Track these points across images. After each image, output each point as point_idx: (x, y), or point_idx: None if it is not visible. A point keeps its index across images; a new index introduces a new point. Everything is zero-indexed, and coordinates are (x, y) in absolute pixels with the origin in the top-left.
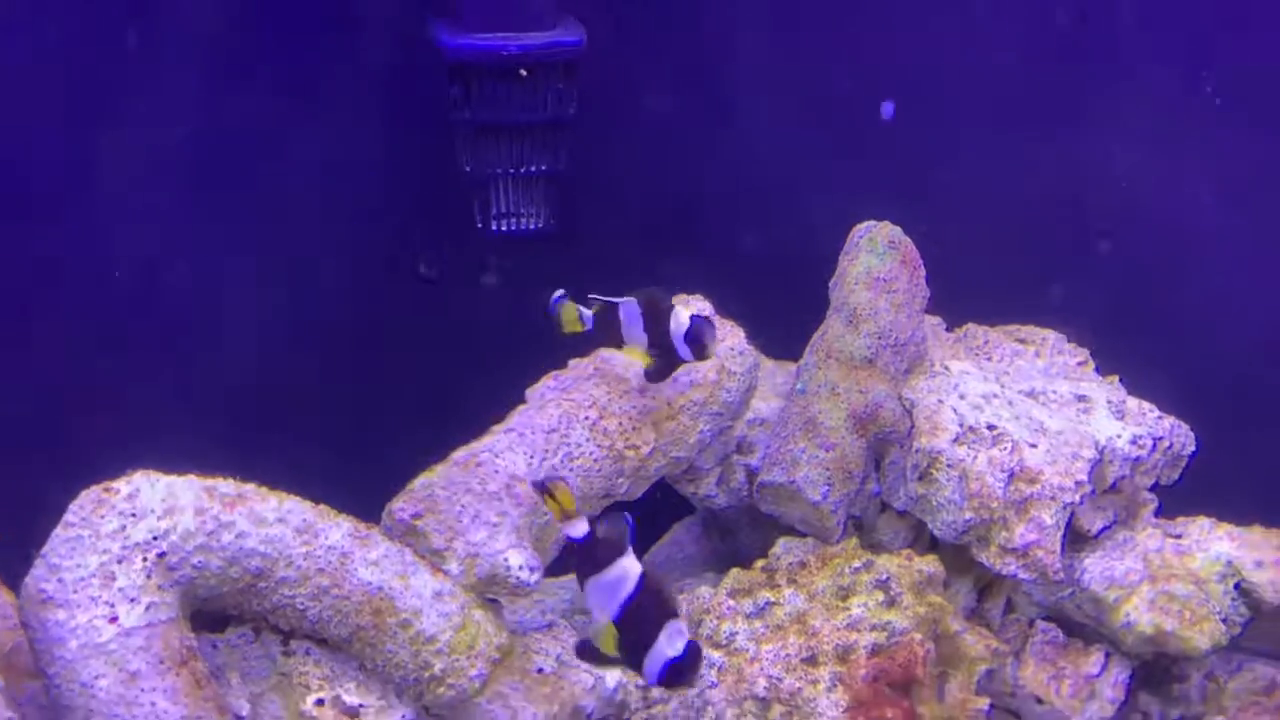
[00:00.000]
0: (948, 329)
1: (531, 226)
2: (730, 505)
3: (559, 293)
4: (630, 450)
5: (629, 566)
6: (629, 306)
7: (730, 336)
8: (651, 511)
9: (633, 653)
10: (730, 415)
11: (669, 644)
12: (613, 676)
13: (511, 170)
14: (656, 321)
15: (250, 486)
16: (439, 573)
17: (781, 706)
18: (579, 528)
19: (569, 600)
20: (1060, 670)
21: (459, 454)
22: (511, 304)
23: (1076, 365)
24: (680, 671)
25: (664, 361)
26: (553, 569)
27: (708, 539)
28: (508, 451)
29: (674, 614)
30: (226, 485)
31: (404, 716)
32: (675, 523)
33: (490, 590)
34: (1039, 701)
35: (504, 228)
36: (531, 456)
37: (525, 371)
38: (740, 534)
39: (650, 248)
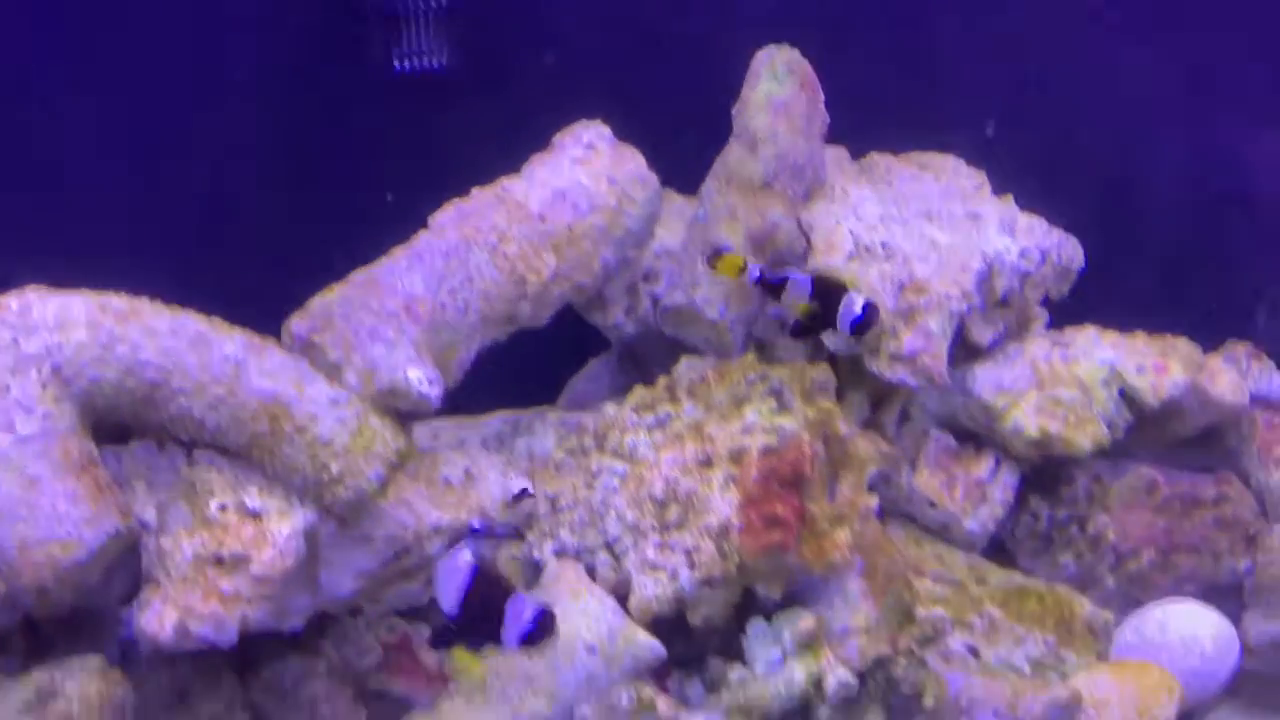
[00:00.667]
0: (853, 159)
1: (437, 64)
2: (638, 333)
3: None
4: (531, 274)
5: (462, 556)
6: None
7: (630, 162)
8: (569, 348)
9: (486, 637)
10: (634, 242)
11: (516, 621)
12: (519, 483)
13: (419, 5)
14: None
15: (143, 301)
16: (334, 382)
17: (678, 506)
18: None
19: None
20: (953, 476)
21: (357, 275)
22: (419, 143)
23: (973, 188)
24: (536, 637)
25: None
26: None
27: (623, 372)
28: (406, 273)
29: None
30: (119, 300)
31: (306, 518)
32: (592, 358)
33: (391, 402)
34: (932, 505)
35: (409, 65)
36: (430, 278)
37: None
38: (654, 365)
39: (565, 88)
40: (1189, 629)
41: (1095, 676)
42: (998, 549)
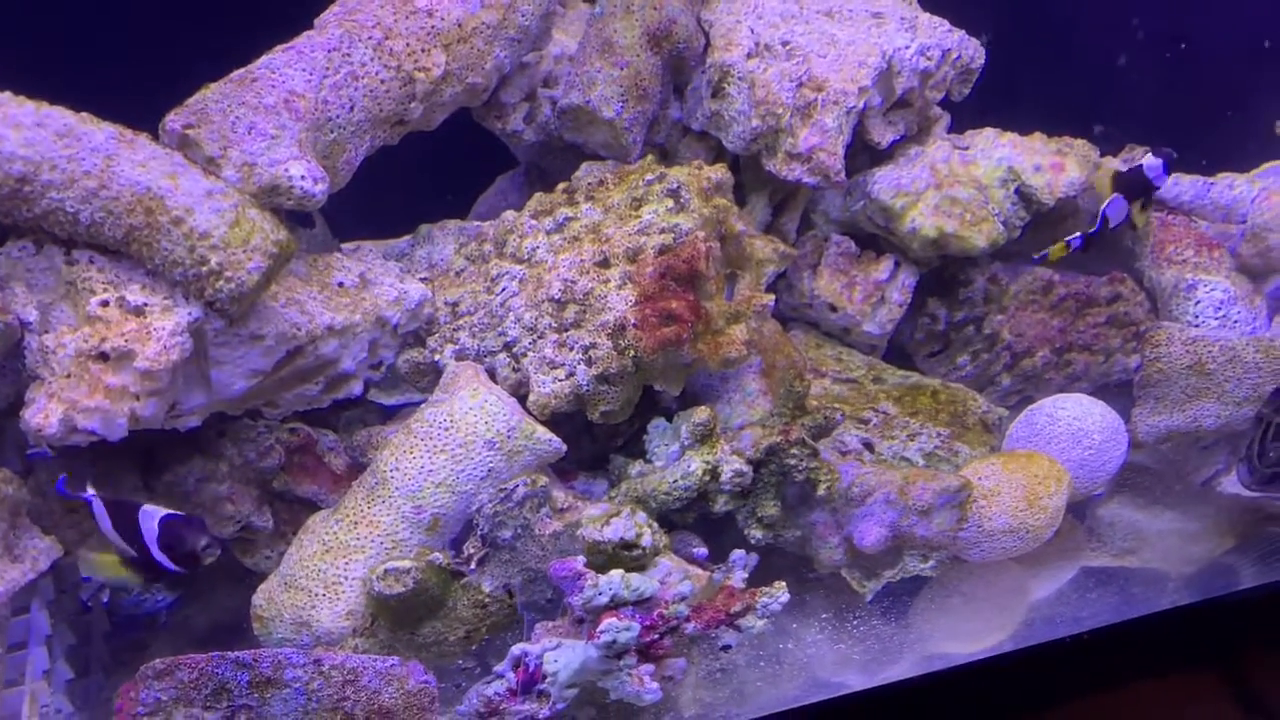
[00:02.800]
0: None
1: None
2: (539, 140)
3: None
4: (420, 72)
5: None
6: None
7: None
8: (476, 164)
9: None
10: (529, 41)
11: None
12: (417, 290)
13: None
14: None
15: (4, 94)
16: (211, 175)
17: (575, 305)
18: None
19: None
20: (852, 279)
21: (236, 73)
22: None
23: None
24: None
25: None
26: None
27: (530, 187)
28: (286, 68)
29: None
30: None
31: (190, 314)
32: (499, 175)
33: (273, 200)
34: (832, 309)
35: None
36: (311, 74)
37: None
38: (561, 179)
39: None
40: (1077, 421)
41: (985, 466)
42: (898, 352)
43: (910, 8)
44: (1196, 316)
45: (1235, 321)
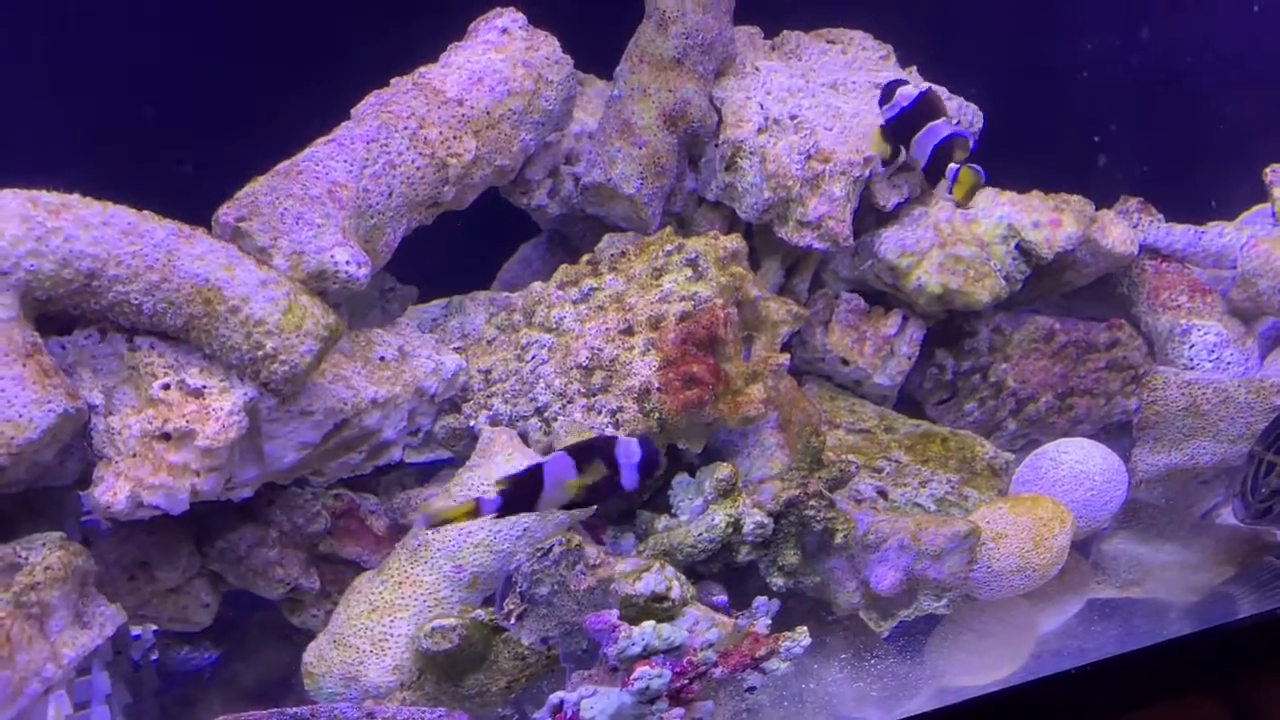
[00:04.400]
0: (766, 37)
1: None
2: (563, 214)
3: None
4: (453, 158)
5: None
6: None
7: (544, 46)
8: (501, 232)
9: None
10: (552, 124)
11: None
12: (452, 360)
13: None
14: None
15: (74, 196)
16: (264, 265)
17: (602, 371)
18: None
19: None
20: (863, 334)
21: (281, 165)
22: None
23: (879, 59)
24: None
25: None
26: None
27: (553, 254)
28: (328, 160)
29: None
30: (50, 195)
31: (246, 394)
32: (523, 243)
33: (321, 284)
34: (844, 362)
35: None
36: (351, 164)
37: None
38: (581, 246)
39: None
40: (1079, 464)
41: (993, 511)
42: (909, 401)
43: (912, 78)
44: (1192, 359)
45: (1228, 363)
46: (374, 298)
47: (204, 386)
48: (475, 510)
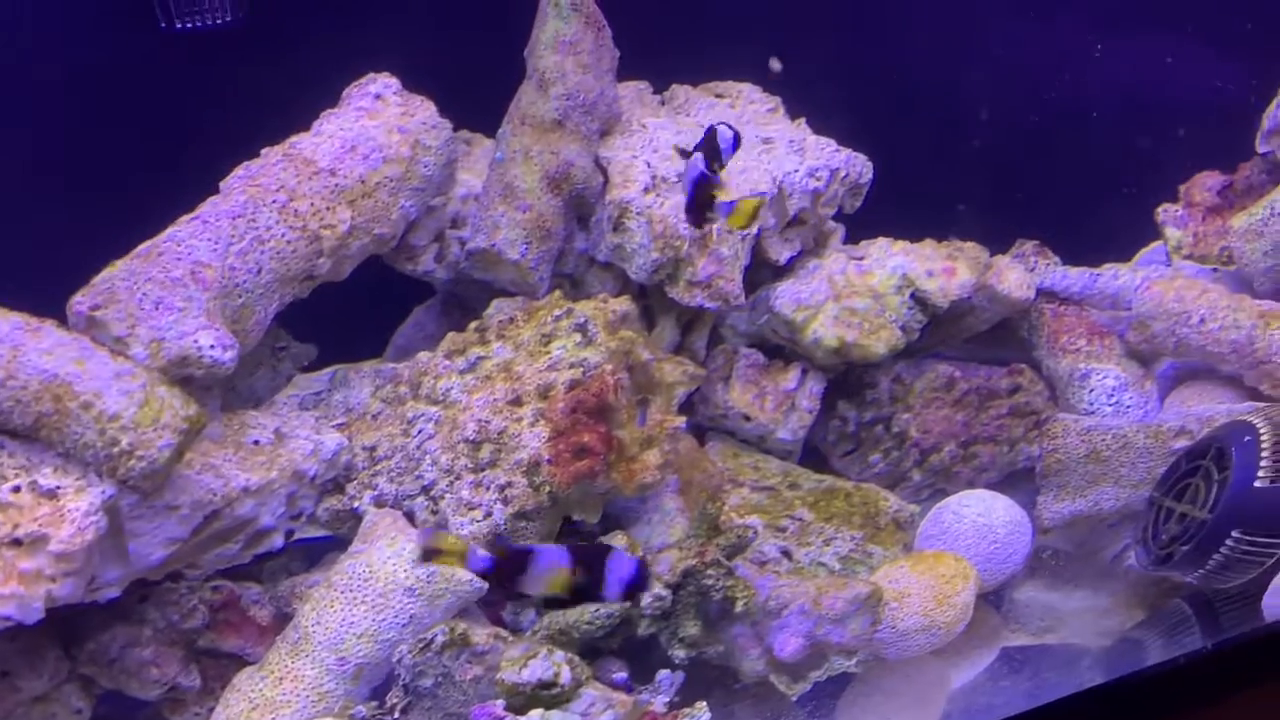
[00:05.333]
0: (655, 92)
1: (221, 21)
2: (452, 278)
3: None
4: (326, 230)
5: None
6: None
7: (420, 111)
8: (393, 295)
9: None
10: (433, 189)
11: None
12: (333, 440)
13: None
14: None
15: None
16: (119, 356)
17: (490, 445)
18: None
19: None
20: (763, 389)
21: (141, 247)
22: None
23: (766, 111)
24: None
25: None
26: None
27: (447, 317)
28: (191, 239)
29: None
30: None
31: (104, 492)
32: (416, 305)
33: (184, 370)
34: (746, 419)
35: (188, 24)
36: (216, 243)
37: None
38: (478, 307)
39: (344, 38)
40: (981, 518)
41: (895, 570)
42: (815, 454)
43: (798, 130)
44: (1092, 404)
45: (1128, 407)
46: (264, 355)
47: (58, 487)
48: (464, 555)
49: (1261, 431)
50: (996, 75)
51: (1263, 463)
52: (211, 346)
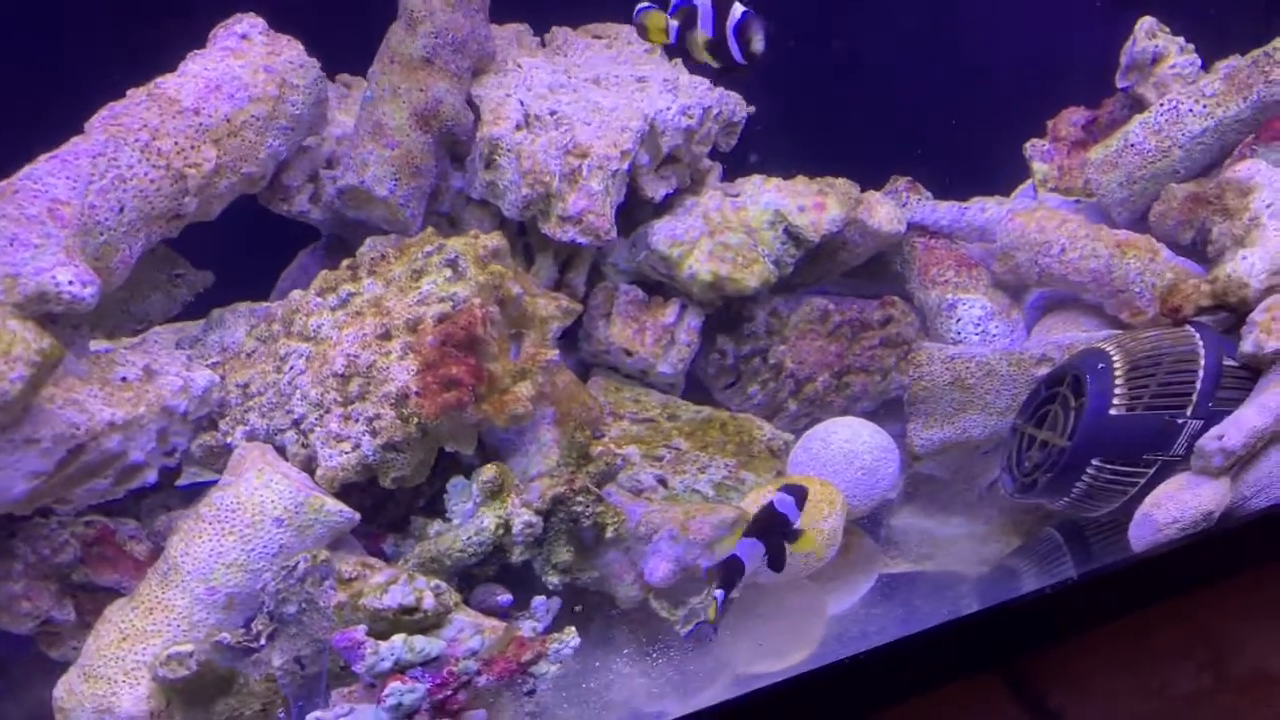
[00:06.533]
0: (536, 35)
1: None
2: (325, 219)
3: (643, 4)
4: (191, 168)
5: None
6: (705, 5)
7: (287, 50)
8: (279, 242)
9: None
10: (303, 129)
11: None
12: (203, 377)
13: None
14: (720, 16)
15: None
16: None
17: (359, 379)
18: None
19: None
20: (643, 324)
21: None
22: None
23: (644, 52)
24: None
25: (718, 55)
26: None
27: (330, 259)
28: (48, 177)
29: None
30: None
31: None
32: (301, 250)
33: (43, 307)
34: (627, 354)
35: None
36: (75, 181)
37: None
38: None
39: None
40: (848, 444)
41: (763, 495)
42: (700, 388)
43: (673, 70)
44: (959, 333)
45: (994, 335)
46: (160, 281)
47: None
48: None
49: (1115, 359)
50: (876, 12)
51: (1117, 391)
52: (70, 283)
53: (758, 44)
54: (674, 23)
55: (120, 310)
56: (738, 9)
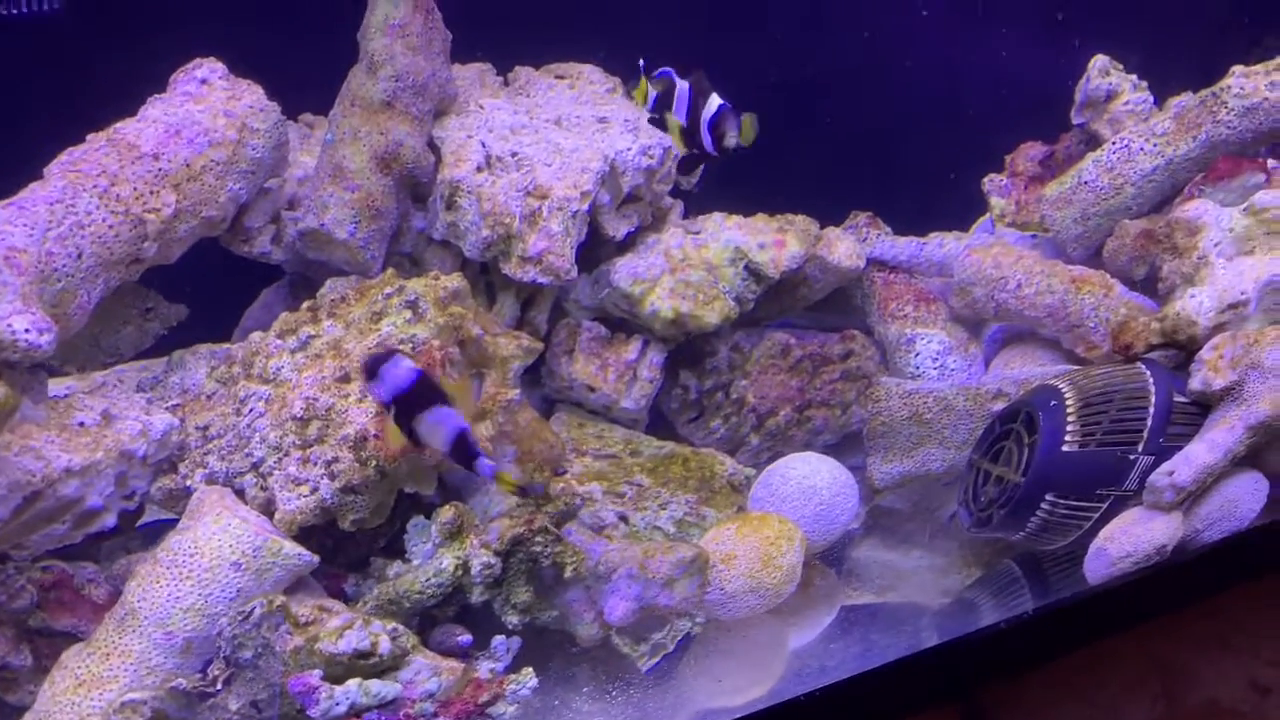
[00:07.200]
0: (499, 74)
1: (48, 7)
2: (288, 260)
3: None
4: (150, 213)
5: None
6: (683, 87)
7: (247, 95)
8: (242, 278)
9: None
10: (264, 171)
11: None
12: (162, 420)
13: None
14: (696, 104)
15: None
16: None
17: (318, 422)
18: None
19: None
20: (605, 361)
21: None
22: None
23: (605, 92)
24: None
25: (690, 142)
26: None
27: (295, 297)
28: (5, 225)
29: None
30: None
31: None
32: (265, 287)
33: (2, 355)
34: (591, 390)
35: (12, 11)
36: (33, 228)
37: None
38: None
39: (181, 25)
40: (806, 480)
41: (722, 532)
42: (664, 422)
43: (635, 110)
44: (917, 367)
45: (951, 370)
46: (131, 315)
47: None
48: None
49: (1067, 397)
50: (844, 59)
51: (1069, 428)
52: (26, 330)
53: (731, 139)
54: (653, 90)
55: (91, 344)
56: (714, 102)
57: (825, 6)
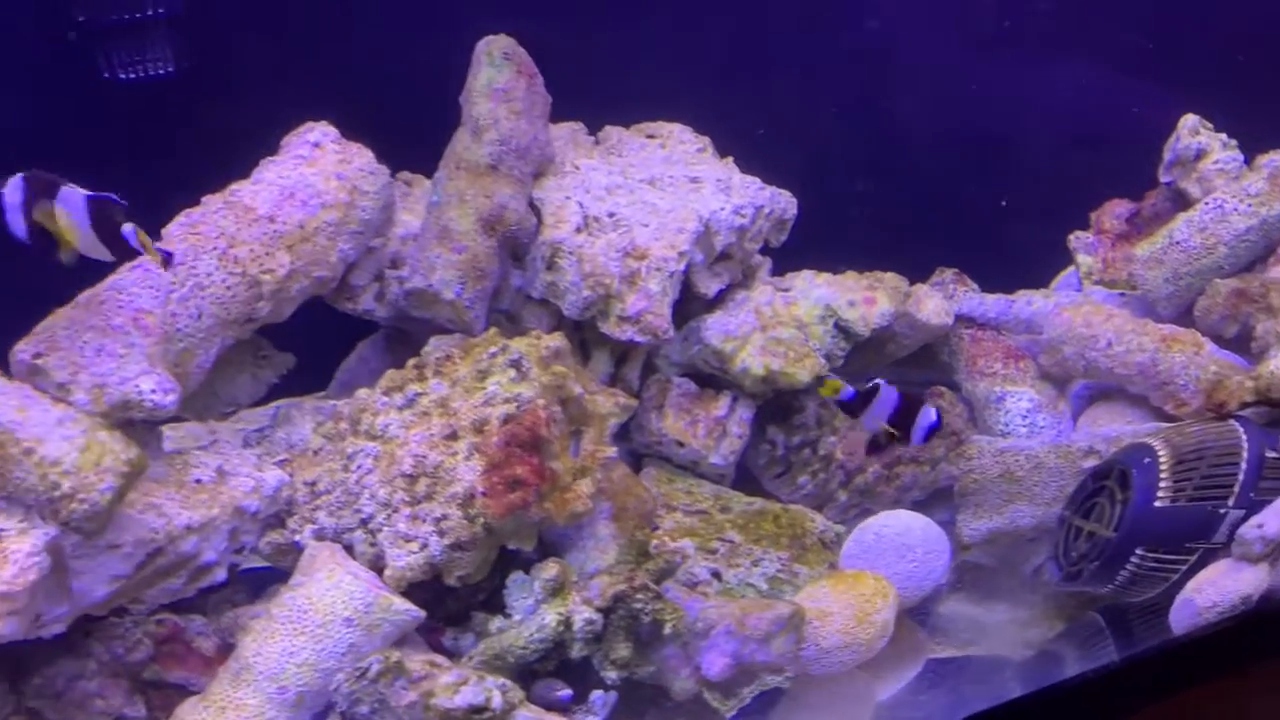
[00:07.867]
0: (590, 133)
1: (162, 72)
2: (390, 317)
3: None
4: (266, 274)
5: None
6: (891, 394)
7: (358, 158)
8: (339, 332)
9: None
10: (371, 231)
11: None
12: (274, 477)
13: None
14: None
15: None
16: (61, 403)
17: (427, 479)
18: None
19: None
20: (695, 417)
21: (82, 296)
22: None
23: (695, 151)
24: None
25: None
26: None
27: (391, 351)
28: (133, 288)
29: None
30: None
31: (47, 534)
32: (360, 340)
33: (126, 414)
34: (680, 445)
35: (131, 75)
36: (157, 290)
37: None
38: (421, 341)
39: (286, 87)
40: (900, 537)
41: (817, 590)
42: (750, 478)
43: (725, 169)
44: (1007, 425)
45: (1040, 427)
46: (246, 363)
47: (1, 530)
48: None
49: (1160, 454)
50: (920, 108)
51: (1162, 484)
52: (152, 391)
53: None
54: (848, 387)
55: (208, 393)
56: (931, 414)
57: (897, 57)
